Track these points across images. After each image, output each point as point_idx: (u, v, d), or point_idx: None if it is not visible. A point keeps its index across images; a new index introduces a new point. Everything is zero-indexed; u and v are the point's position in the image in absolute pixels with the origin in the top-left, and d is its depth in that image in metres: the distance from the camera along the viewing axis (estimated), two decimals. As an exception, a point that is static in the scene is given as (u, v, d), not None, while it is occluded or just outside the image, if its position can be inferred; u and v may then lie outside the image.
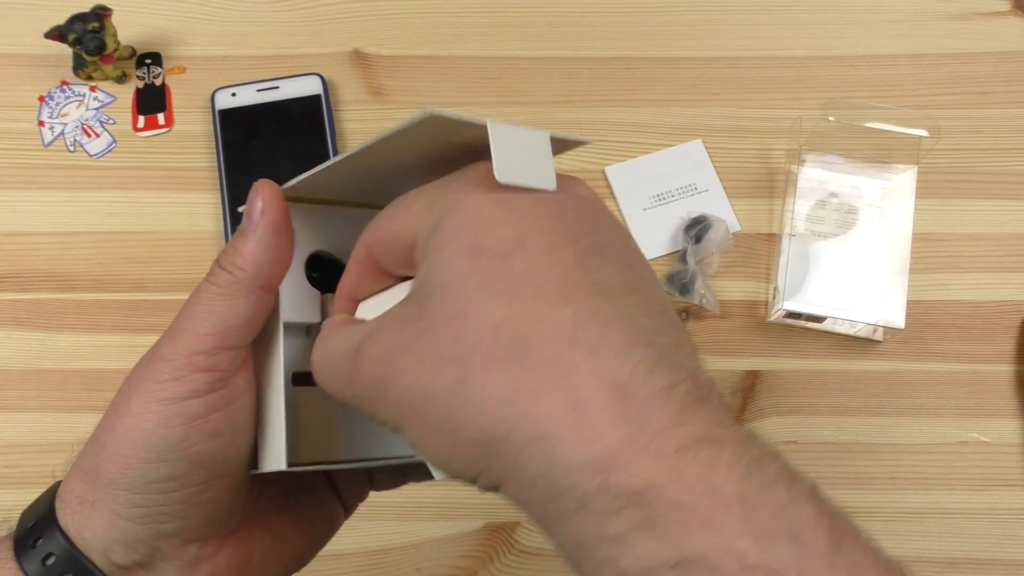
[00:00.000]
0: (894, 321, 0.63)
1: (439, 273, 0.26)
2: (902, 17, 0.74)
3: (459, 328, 0.25)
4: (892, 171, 0.67)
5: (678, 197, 0.68)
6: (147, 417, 0.31)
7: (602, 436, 0.23)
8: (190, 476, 0.31)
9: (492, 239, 0.26)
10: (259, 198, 0.32)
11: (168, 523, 0.32)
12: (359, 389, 0.28)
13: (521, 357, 0.24)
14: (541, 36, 0.74)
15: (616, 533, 0.23)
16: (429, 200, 0.28)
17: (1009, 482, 0.62)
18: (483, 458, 0.25)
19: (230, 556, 0.34)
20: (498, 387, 0.24)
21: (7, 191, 0.69)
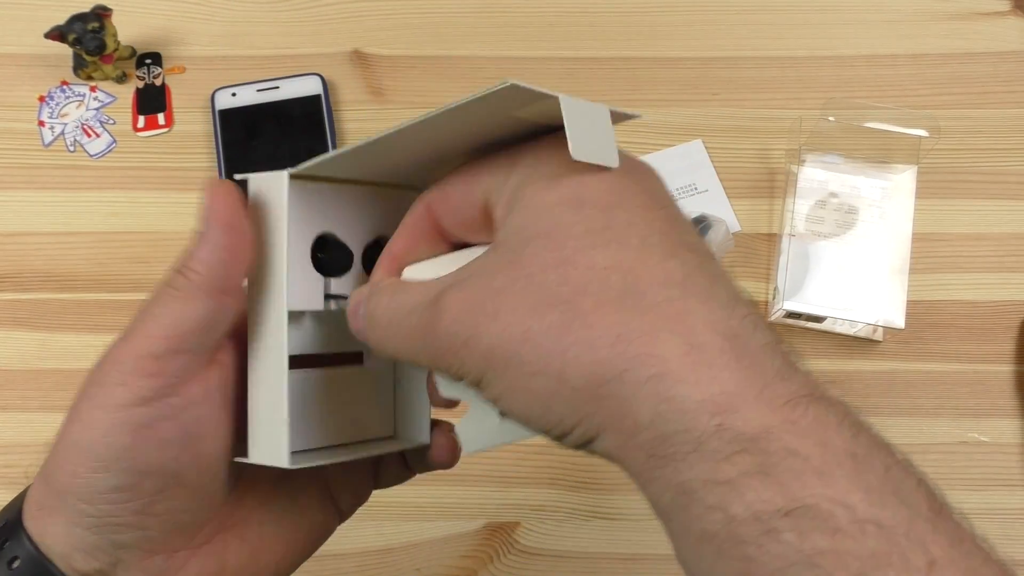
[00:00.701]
0: (894, 321, 0.63)
1: (538, 221, 0.26)
2: (902, 17, 0.74)
3: (564, 272, 0.25)
4: (892, 171, 0.67)
5: (678, 197, 0.68)
6: (93, 424, 0.30)
7: (719, 379, 0.24)
8: (139, 487, 0.30)
9: (593, 193, 0.26)
10: (210, 199, 0.31)
11: (124, 533, 0.31)
12: (438, 340, 0.27)
13: (634, 300, 0.25)
14: (541, 36, 0.74)
15: (728, 477, 0.23)
16: (507, 165, 0.28)
17: (1009, 482, 0.62)
18: (587, 402, 0.25)
19: (199, 568, 0.33)
20: (612, 326, 0.25)
21: (7, 191, 0.69)
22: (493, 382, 0.27)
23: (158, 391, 0.30)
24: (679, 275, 0.25)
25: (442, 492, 0.62)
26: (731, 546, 0.23)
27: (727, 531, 0.23)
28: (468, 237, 0.31)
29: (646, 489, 0.25)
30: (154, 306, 0.31)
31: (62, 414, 0.31)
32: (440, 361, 0.28)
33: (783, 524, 0.22)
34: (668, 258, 0.26)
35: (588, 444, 0.26)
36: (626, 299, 0.25)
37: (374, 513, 0.63)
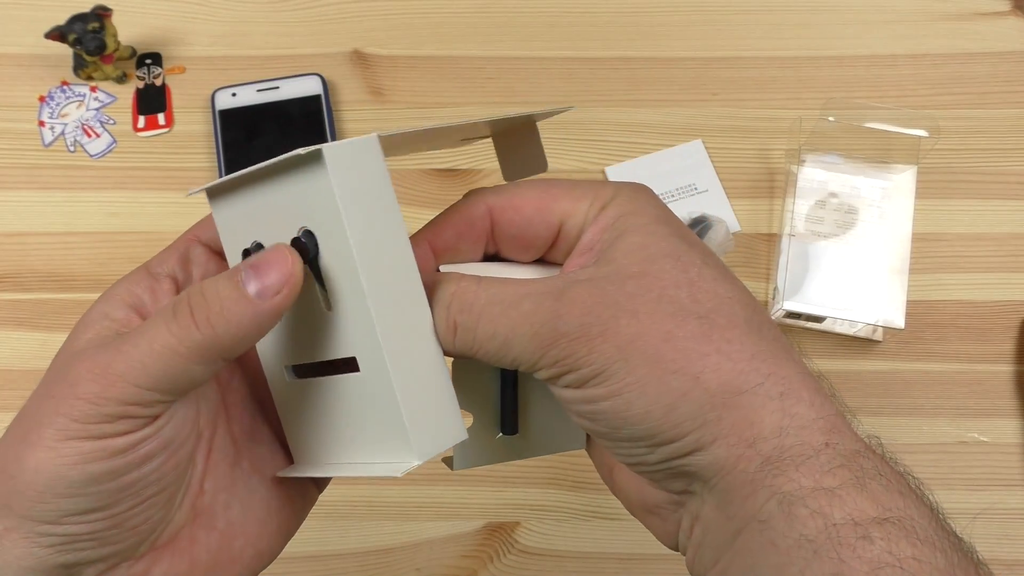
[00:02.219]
0: (894, 321, 0.63)
1: (660, 244, 0.30)
2: (902, 17, 0.74)
3: (694, 292, 0.29)
4: (892, 171, 0.67)
5: (678, 197, 0.68)
6: (64, 453, 0.27)
7: (826, 404, 0.28)
8: (117, 504, 0.28)
9: (693, 237, 0.31)
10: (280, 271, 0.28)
11: (92, 550, 0.28)
12: (565, 326, 0.28)
13: (757, 328, 0.29)
14: (541, 36, 0.74)
15: (832, 486, 0.26)
16: (593, 196, 0.31)
17: (1008, 482, 0.62)
18: (716, 408, 0.27)
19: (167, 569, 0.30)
20: (747, 345, 0.28)
21: (7, 191, 0.69)
22: (620, 374, 0.28)
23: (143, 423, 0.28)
24: (765, 316, 0.30)
25: (442, 492, 0.62)
26: (829, 547, 0.25)
27: (826, 534, 0.26)
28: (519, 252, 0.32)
29: (748, 499, 0.27)
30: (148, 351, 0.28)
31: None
32: (558, 348, 0.28)
33: (876, 531, 0.26)
34: (757, 309, 0.30)
35: (693, 453, 0.28)
36: (751, 325, 0.29)
37: (374, 513, 0.63)
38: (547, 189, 0.32)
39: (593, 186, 0.32)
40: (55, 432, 0.27)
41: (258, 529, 0.33)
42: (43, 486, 0.27)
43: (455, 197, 0.33)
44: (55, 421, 0.27)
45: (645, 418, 0.28)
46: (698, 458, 0.28)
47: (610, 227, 0.30)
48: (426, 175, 0.69)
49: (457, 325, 0.29)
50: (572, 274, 0.30)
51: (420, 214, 0.72)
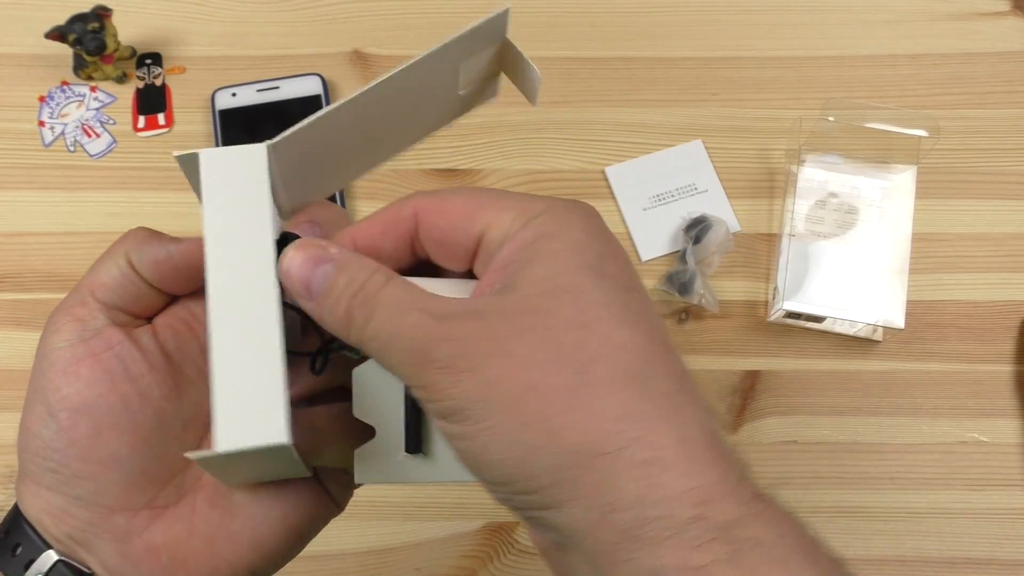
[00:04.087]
0: (894, 321, 0.63)
1: (562, 278, 0.27)
2: (902, 17, 0.74)
3: (582, 337, 0.26)
4: (892, 171, 0.67)
5: (678, 197, 0.68)
6: (35, 377, 0.32)
7: (704, 472, 0.26)
8: (76, 428, 0.31)
9: (613, 269, 0.28)
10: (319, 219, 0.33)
11: (78, 486, 0.31)
12: (440, 351, 0.27)
13: (641, 383, 0.26)
14: (541, 36, 0.74)
15: (700, 564, 0.24)
16: (519, 210, 0.29)
17: (1008, 482, 0.62)
18: (574, 467, 0.26)
19: (165, 530, 0.32)
20: (619, 404, 0.26)
21: (7, 191, 0.69)
22: (480, 416, 0.26)
23: (81, 331, 0.32)
24: (678, 371, 0.27)
25: (442, 492, 0.62)
26: None
27: None
28: (446, 259, 0.31)
29: (612, 569, 0.26)
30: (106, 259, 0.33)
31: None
32: (427, 373, 0.27)
33: None
34: (670, 354, 0.27)
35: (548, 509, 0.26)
36: (635, 380, 0.26)
37: (374, 513, 0.63)
38: (475, 197, 0.30)
39: (523, 199, 0.30)
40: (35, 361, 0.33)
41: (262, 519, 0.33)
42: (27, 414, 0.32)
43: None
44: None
45: (499, 465, 0.26)
46: (554, 515, 0.26)
47: (526, 248, 0.28)
48: (426, 175, 0.69)
49: (352, 318, 0.28)
50: (472, 300, 0.28)
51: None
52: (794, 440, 0.63)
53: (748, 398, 0.64)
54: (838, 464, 0.63)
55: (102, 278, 0.32)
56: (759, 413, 0.64)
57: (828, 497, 0.62)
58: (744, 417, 0.63)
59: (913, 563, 0.60)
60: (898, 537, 0.61)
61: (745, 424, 0.63)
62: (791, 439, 0.63)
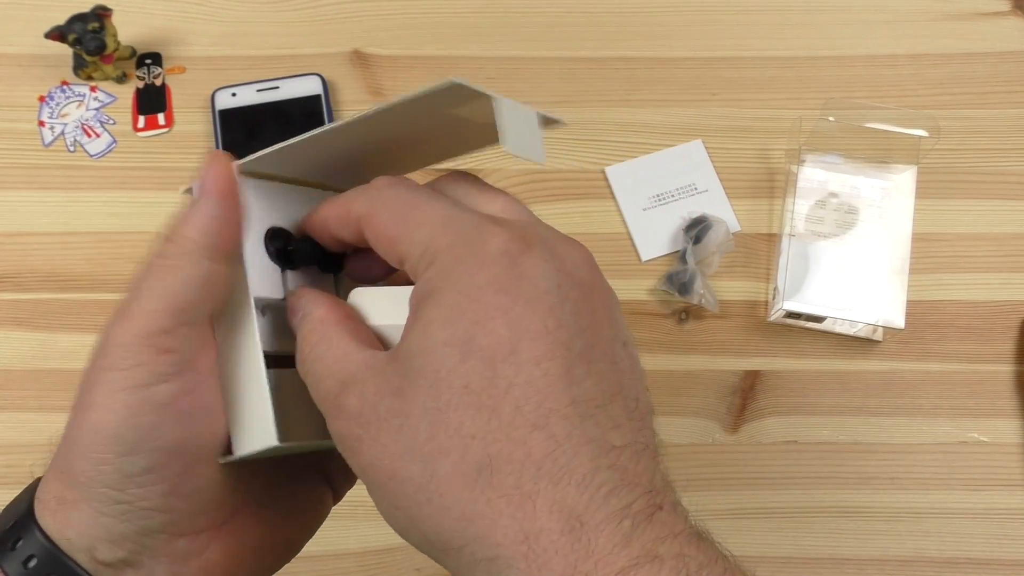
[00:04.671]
0: (894, 321, 0.63)
1: (427, 356, 0.26)
2: (902, 17, 0.74)
3: (433, 428, 0.26)
4: (892, 171, 0.67)
5: (678, 197, 0.68)
6: (114, 408, 0.29)
7: (549, 564, 0.25)
8: (168, 466, 0.30)
9: (486, 339, 0.26)
10: (209, 169, 0.31)
11: (153, 518, 0.31)
12: (336, 426, 0.28)
13: (486, 478, 0.25)
14: (541, 36, 0.74)
15: None
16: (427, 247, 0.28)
17: (1008, 482, 0.62)
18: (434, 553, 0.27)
19: (222, 549, 0.33)
20: (460, 503, 0.26)
21: (7, 191, 0.69)
22: (369, 491, 0.28)
23: (175, 366, 0.30)
24: (539, 452, 0.25)
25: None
26: None
27: None
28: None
29: None
30: (148, 279, 0.30)
31: (62, 414, 0.31)
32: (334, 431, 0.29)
33: None
34: (534, 430, 0.25)
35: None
36: (480, 475, 0.25)
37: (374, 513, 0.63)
38: (398, 217, 0.29)
39: (435, 228, 0.28)
40: (104, 388, 0.30)
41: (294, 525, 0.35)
42: (101, 446, 0.29)
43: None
44: (102, 377, 0.30)
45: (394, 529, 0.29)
46: None
47: (415, 307, 0.28)
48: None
49: (299, 352, 0.30)
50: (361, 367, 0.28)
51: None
52: (794, 440, 0.63)
53: (748, 398, 0.64)
54: (838, 464, 0.63)
55: (189, 297, 0.30)
56: (759, 413, 0.64)
57: (828, 497, 0.62)
58: (744, 417, 0.63)
59: (913, 563, 0.60)
60: (898, 537, 0.61)
61: (745, 424, 0.63)
62: (791, 439, 0.63)
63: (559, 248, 0.28)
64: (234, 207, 0.31)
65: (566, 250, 0.28)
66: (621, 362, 0.28)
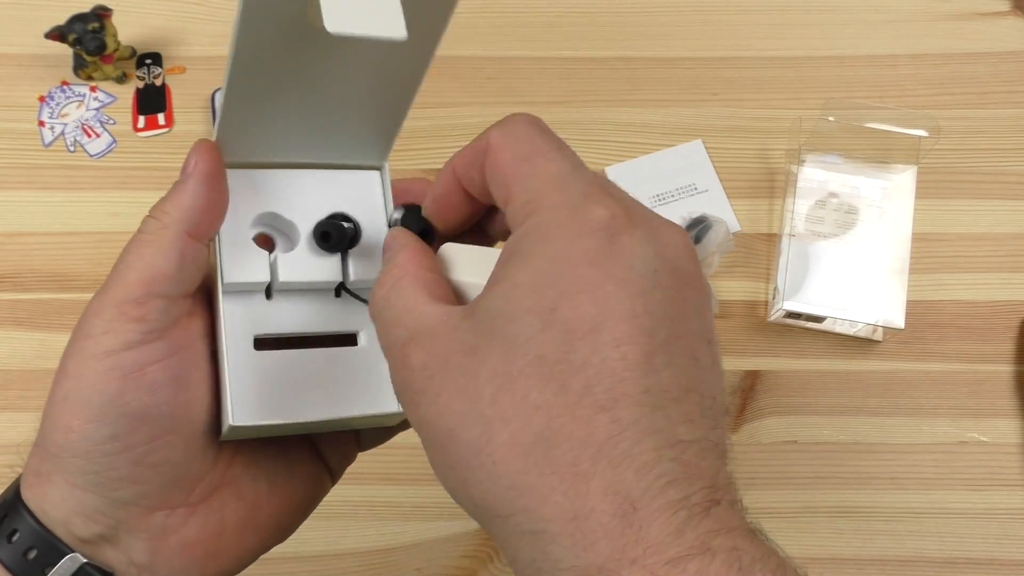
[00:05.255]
0: (894, 321, 0.63)
1: (507, 319, 0.26)
2: (902, 17, 0.74)
3: (499, 393, 0.25)
4: (892, 171, 0.67)
5: (678, 197, 0.68)
6: (83, 375, 0.30)
7: (596, 546, 0.24)
8: (133, 434, 0.30)
9: (570, 313, 0.25)
10: (194, 152, 0.32)
11: (123, 489, 0.31)
12: (399, 376, 0.28)
13: (542, 452, 0.25)
14: (541, 36, 0.74)
15: None
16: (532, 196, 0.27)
17: (1008, 482, 0.62)
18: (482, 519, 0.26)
19: (200, 526, 0.33)
20: (511, 472, 0.25)
21: (7, 191, 0.69)
22: (425, 448, 0.28)
23: (143, 335, 0.30)
24: (603, 434, 0.25)
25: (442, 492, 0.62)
26: None
27: None
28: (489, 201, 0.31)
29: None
30: (128, 254, 0.31)
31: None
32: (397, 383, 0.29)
33: None
34: (602, 412, 0.25)
35: None
36: (537, 447, 0.25)
37: (375, 513, 0.63)
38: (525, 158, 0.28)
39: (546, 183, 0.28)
40: (75, 357, 0.31)
41: (281, 503, 0.35)
42: (70, 413, 0.30)
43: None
44: (74, 347, 0.31)
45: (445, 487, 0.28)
46: None
47: (503, 261, 0.27)
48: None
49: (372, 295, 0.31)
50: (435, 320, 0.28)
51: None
52: (794, 440, 0.63)
53: (748, 398, 0.64)
54: (838, 464, 0.63)
55: (163, 269, 0.31)
56: (759, 413, 0.64)
57: (828, 497, 0.62)
58: (744, 417, 0.63)
59: (913, 563, 0.60)
60: (898, 537, 0.61)
61: (745, 424, 0.63)
62: (791, 439, 0.63)
63: (662, 233, 0.27)
64: (218, 189, 0.32)
65: (669, 236, 0.27)
66: (703, 359, 0.27)
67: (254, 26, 0.28)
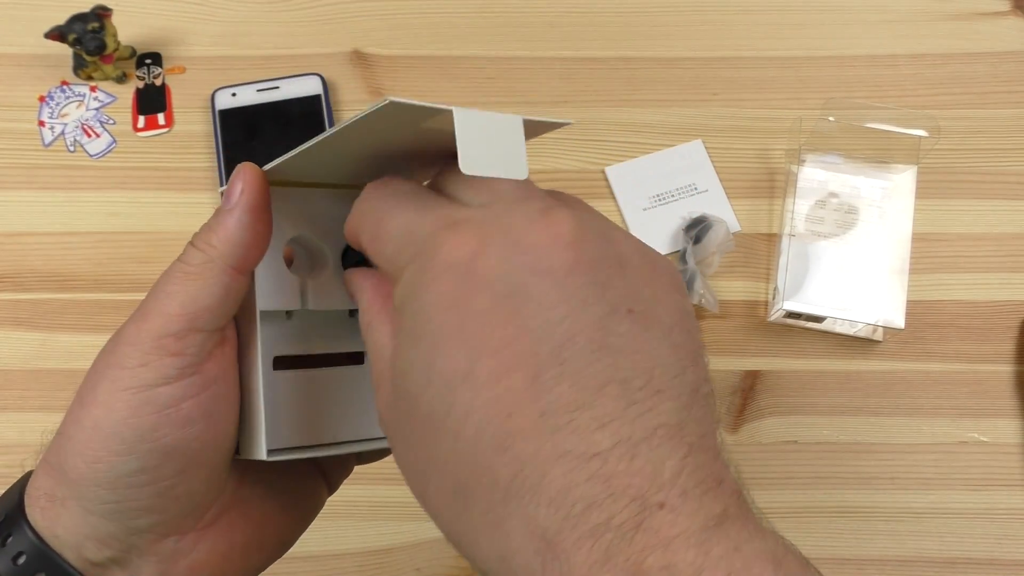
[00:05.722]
0: (894, 321, 0.63)
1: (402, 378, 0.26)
2: (902, 17, 0.74)
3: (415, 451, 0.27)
4: (892, 171, 0.67)
5: (678, 197, 0.68)
6: (115, 407, 0.29)
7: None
8: (162, 468, 0.30)
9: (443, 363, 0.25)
10: (240, 179, 0.31)
11: (142, 518, 0.31)
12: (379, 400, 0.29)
13: (461, 503, 0.25)
14: (541, 36, 0.74)
15: None
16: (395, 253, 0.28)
17: (1008, 482, 0.62)
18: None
19: (210, 548, 0.33)
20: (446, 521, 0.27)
21: (7, 191, 0.69)
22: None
23: (181, 370, 0.30)
24: (506, 476, 0.24)
25: (442, 492, 0.62)
26: None
27: None
28: None
29: None
30: (168, 284, 0.30)
31: (63, 414, 0.31)
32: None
33: None
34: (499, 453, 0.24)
35: None
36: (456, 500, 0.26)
37: (375, 513, 0.63)
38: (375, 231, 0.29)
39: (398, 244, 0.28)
40: (107, 386, 0.30)
41: (285, 521, 0.36)
42: (98, 444, 0.29)
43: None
44: (107, 375, 0.30)
45: None
46: None
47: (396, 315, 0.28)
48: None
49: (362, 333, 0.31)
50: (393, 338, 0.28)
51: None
52: (794, 440, 0.63)
53: (748, 398, 0.64)
54: (838, 464, 0.63)
55: (206, 304, 0.30)
56: (759, 413, 0.64)
57: (828, 497, 0.62)
58: (744, 417, 0.63)
59: (913, 563, 0.60)
60: (898, 537, 0.61)
61: (745, 424, 0.63)
62: (791, 439, 0.63)
63: (526, 234, 0.25)
64: (264, 220, 0.31)
65: (536, 233, 0.25)
66: (616, 340, 0.24)
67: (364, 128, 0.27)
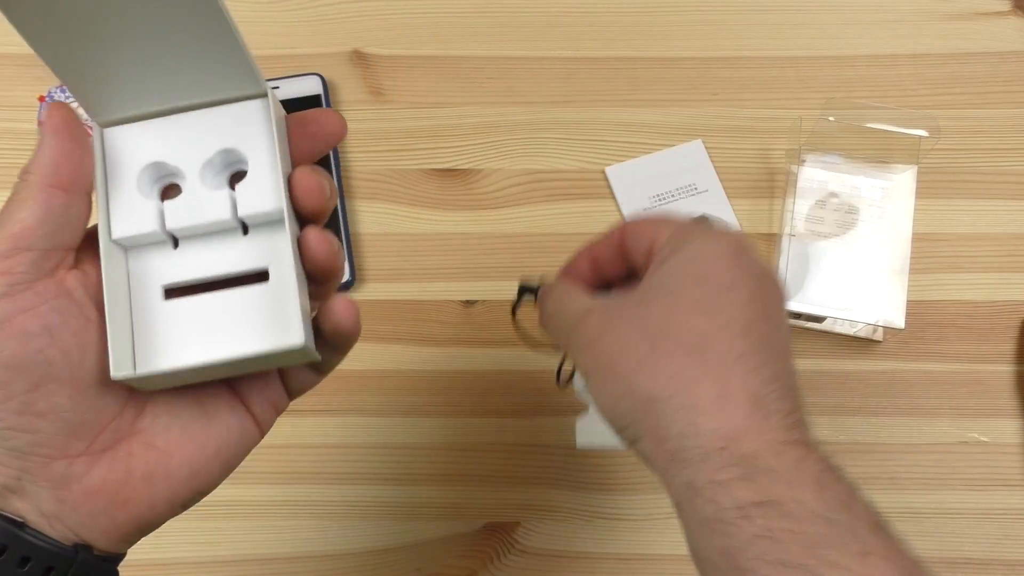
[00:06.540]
0: (894, 321, 0.63)
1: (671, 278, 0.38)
2: (902, 17, 0.74)
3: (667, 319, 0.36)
4: (892, 171, 0.67)
5: (678, 197, 0.68)
6: None
7: (733, 419, 0.34)
8: (12, 383, 0.31)
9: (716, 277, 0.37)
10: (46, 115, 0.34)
11: (14, 438, 0.32)
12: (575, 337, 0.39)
13: (698, 355, 0.35)
14: (541, 36, 0.74)
15: (722, 479, 0.33)
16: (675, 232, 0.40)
17: (1009, 482, 0.62)
18: (640, 411, 0.36)
19: (104, 474, 0.34)
20: (675, 366, 0.35)
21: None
22: (592, 378, 0.38)
23: (11, 287, 0.31)
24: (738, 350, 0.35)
25: (442, 492, 0.62)
26: (719, 525, 0.33)
27: (716, 516, 0.33)
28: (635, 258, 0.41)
29: (667, 486, 0.35)
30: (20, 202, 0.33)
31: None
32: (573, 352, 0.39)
33: (755, 511, 0.32)
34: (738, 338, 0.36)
35: (634, 444, 0.37)
36: (694, 352, 0.35)
37: (374, 513, 0.63)
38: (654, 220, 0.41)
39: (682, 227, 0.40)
40: None
41: (195, 451, 0.36)
42: None
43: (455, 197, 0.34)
44: None
45: (604, 410, 0.38)
46: (638, 446, 0.36)
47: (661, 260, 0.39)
48: (426, 175, 0.69)
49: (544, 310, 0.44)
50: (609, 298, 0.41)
51: (420, 214, 0.71)
52: (794, 440, 0.63)
53: (748, 398, 0.64)
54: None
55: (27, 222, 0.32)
56: (759, 413, 0.64)
57: (828, 497, 0.62)
58: (744, 417, 0.63)
59: (913, 563, 0.60)
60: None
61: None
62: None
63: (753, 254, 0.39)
64: (70, 138, 0.33)
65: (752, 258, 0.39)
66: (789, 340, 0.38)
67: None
